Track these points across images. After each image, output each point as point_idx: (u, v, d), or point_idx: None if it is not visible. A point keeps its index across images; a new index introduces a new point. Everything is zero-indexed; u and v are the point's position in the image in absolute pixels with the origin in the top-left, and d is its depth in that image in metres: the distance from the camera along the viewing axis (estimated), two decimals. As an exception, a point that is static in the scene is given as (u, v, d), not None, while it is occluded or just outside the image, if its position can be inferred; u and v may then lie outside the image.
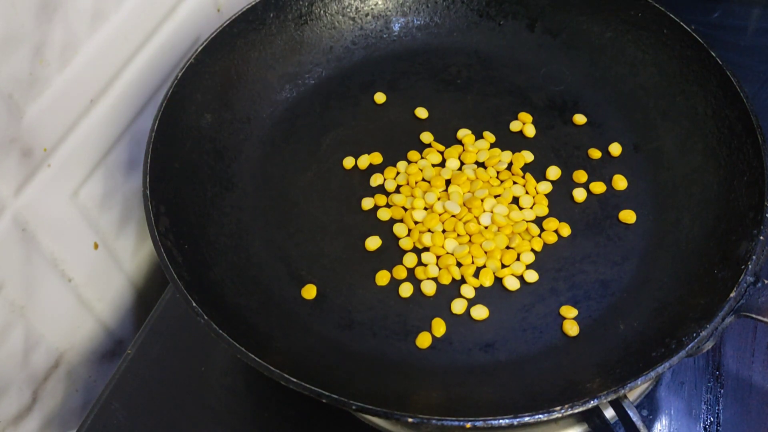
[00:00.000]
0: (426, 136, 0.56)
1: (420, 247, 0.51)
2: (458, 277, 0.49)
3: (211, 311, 0.43)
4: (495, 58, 0.60)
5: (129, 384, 0.50)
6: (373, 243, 0.51)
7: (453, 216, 0.51)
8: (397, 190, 0.53)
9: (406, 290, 0.49)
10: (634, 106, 0.56)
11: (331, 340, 0.47)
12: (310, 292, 0.49)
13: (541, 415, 0.39)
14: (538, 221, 0.52)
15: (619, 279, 0.49)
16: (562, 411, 0.39)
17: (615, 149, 0.54)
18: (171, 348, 0.52)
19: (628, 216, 0.51)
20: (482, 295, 0.49)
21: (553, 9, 0.59)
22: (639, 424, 0.41)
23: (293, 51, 0.58)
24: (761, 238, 0.44)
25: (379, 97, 0.57)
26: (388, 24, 0.60)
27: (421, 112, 0.57)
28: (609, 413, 0.42)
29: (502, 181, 0.53)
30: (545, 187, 0.53)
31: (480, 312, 0.48)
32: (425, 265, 0.50)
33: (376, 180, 0.54)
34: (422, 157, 0.55)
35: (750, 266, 0.43)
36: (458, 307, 0.48)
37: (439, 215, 0.51)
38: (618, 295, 0.48)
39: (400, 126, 0.57)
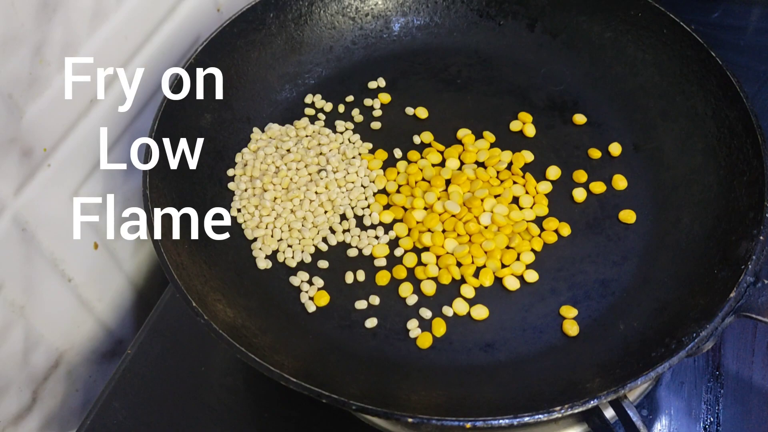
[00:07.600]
0: (426, 136, 0.56)
1: (420, 247, 0.51)
2: (458, 277, 0.49)
3: (211, 311, 0.43)
4: (495, 58, 0.60)
5: (129, 384, 0.50)
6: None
7: (453, 216, 0.51)
8: (398, 190, 0.53)
9: (406, 290, 0.49)
10: (634, 106, 0.56)
11: (331, 340, 0.47)
12: (322, 299, 0.48)
13: (541, 415, 0.39)
14: (538, 221, 0.52)
15: (619, 279, 0.49)
16: (562, 411, 0.39)
17: (615, 149, 0.54)
18: (171, 348, 0.52)
19: (628, 216, 0.51)
20: (482, 295, 0.49)
21: (553, 9, 0.59)
22: (639, 424, 0.41)
23: (293, 51, 0.58)
24: (761, 238, 0.44)
25: (383, 97, 0.58)
26: (388, 24, 0.60)
27: (421, 112, 0.57)
28: (609, 413, 0.42)
29: (502, 181, 0.53)
30: (545, 187, 0.53)
31: (480, 312, 0.48)
32: (425, 265, 0.50)
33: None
34: (422, 157, 0.55)
35: (750, 266, 0.43)
36: (458, 307, 0.48)
37: (439, 215, 0.51)
38: (618, 295, 0.48)
39: (400, 126, 0.57)
